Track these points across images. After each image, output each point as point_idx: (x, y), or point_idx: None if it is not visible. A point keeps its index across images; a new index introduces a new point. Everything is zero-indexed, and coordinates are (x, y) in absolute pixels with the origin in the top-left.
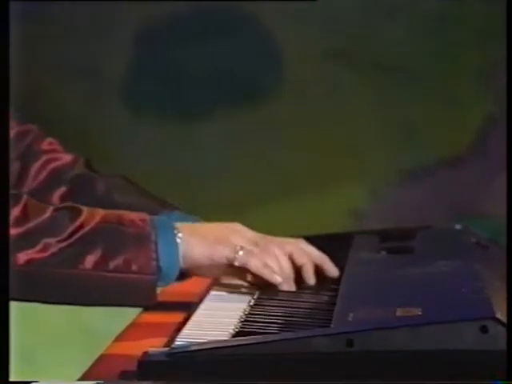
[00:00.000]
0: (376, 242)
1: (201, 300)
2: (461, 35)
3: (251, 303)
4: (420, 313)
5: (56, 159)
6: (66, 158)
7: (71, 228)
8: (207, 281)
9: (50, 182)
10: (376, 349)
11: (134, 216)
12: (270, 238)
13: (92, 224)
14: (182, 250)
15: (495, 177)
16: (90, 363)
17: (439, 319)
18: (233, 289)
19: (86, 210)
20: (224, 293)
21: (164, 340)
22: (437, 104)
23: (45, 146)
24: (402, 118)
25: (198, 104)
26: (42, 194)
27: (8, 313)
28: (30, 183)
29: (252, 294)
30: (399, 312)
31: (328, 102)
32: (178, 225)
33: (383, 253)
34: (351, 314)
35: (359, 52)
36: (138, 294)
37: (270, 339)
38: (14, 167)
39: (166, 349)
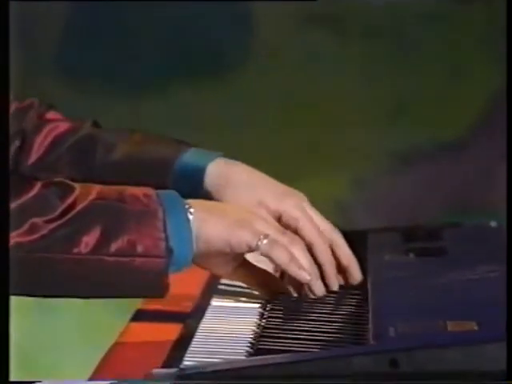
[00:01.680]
0: (398, 241)
1: (197, 311)
2: None
3: (265, 316)
4: (476, 327)
5: (60, 126)
6: (71, 123)
7: (63, 206)
8: (198, 285)
9: (55, 150)
10: (425, 370)
11: (137, 191)
12: None
13: (86, 201)
14: (194, 228)
15: (502, 163)
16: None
17: (501, 335)
18: (236, 298)
19: (79, 185)
20: (227, 303)
21: (161, 359)
22: (434, 76)
23: (48, 116)
24: (393, 92)
25: (151, 76)
26: (47, 164)
27: (8, 312)
28: (33, 156)
29: (261, 305)
30: (451, 326)
31: (306, 75)
32: (190, 201)
33: (411, 255)
34: (392, 329)
35: (344, 16)
36: (147, 281)
37: (299, 358)
38: (15, 143)
39: (174, 370)
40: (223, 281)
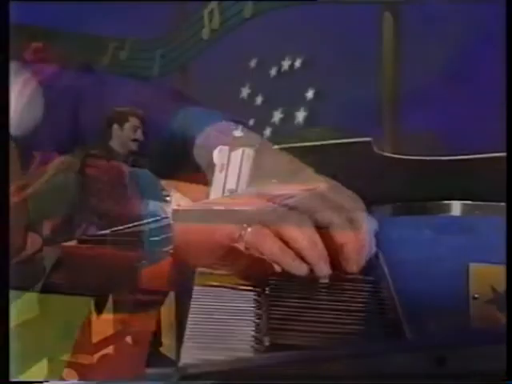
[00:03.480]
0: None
1: (176, 294)
2: None
3: (264, 304)
4: None
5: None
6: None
7: None
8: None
9: None
10: (476, 369)
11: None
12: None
13: None
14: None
15: None
16: None
17: None
18: (220, 281)
19: None
20: (213, 288)
21: (140, 353)
22: None
23: None
24: None
25: None
26: None
27: (8, 311)
28: None
29: (255, 291)
30: (504, 318)
31: None
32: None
33: (427, 231)
34: (432, 322)
35: None
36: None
37: (328, 355)
38: None
39: (171, 369)
40: None
